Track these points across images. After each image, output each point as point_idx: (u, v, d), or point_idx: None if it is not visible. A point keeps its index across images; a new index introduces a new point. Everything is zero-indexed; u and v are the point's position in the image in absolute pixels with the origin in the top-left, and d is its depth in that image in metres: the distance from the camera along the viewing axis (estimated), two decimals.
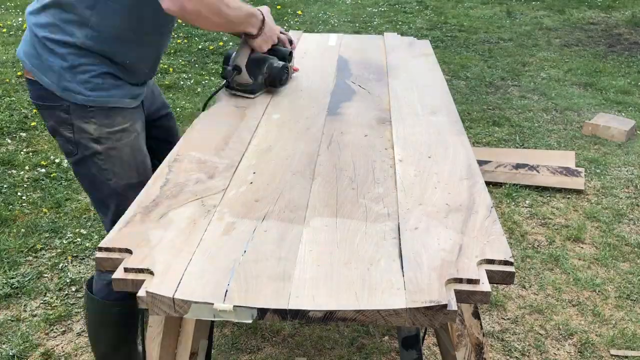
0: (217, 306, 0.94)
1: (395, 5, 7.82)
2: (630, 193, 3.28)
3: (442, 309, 0.93)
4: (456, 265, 1.03)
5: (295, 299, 0.95)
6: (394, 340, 2.24)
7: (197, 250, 1.09)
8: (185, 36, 6.19)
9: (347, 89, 1.94)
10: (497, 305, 2.43)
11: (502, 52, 5.80)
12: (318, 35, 2.61)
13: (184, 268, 1.03)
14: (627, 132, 3.87)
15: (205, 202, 1.25)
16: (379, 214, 1.21)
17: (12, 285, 2.49)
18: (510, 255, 1.05)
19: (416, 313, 0.94)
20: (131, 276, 1.03)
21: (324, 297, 0.96)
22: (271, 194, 1.29)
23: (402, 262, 1.04)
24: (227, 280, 1.00)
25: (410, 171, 1.38)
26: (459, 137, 1.57)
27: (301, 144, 1.54)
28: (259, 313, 0.94)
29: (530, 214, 3.07)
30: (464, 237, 1.12)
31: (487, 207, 1.21)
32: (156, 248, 1.09)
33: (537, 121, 4.21)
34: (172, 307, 0.97)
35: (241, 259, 1.06)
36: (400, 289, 0.97)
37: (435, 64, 2.20)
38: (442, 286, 0.97)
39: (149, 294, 0.97)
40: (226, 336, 2.26)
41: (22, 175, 3.39)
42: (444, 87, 1.96)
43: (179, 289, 0.98)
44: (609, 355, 2.19)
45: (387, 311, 0.94)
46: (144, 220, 1.18)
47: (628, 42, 6.20)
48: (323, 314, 0.93)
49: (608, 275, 2.61)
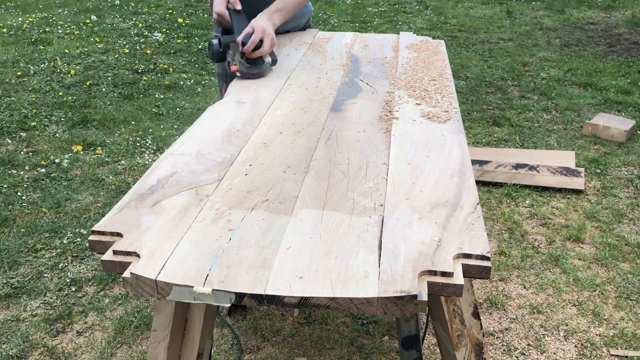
0: (196, 289, 0.97)
1: (395, 5, 7.82)
2: (630, 193, 3.28)
3: (412, 299, 0.95)
4: (432, 258, 1.05)
5: (272, 285, 0.99)
6: (394, 340, 2.24)
7: (184, 236, 1.12)
8: (185, 36, 6.19)
9: (354, 86, 1.95)
10: (497, 305, 2.43)
11: (502, 52, 5.80)
12: (334, 34, 2.62)
13: (170, 253, 1.07)
14: (627, 132, 3.87)
15: (199, 192, 1.28)
16: (365, 207, 1.23)
17: (12, 285, 2.50)
18: (488, 251, 1.07)
19: (387, 302, 0.96)
20: (119, 258, 1.07)
21: (300, 284, 0.99)
22: (264, 186, 1.31)
23: (380, 253, 1.07)
24: (209, 265, 1.03)
25: (403, 167, 1.39)
26: (456, 136, 1.57)
27: (300, 139, 1.56)
28: (237, 297, 0.97)
29: (530, 214, 3.07)
30: (445, 231, 1.13)
31: (473, 204, 1.22)
32: (146, 233, 1.12)
33: (537, 121, 4.21)
34: (155, 289, 1.00)
35: (226, 246, 1.09)
36: (375, 279, 1.00)
37: (446, 63, 2.20)
38: (415, 277, 1.00)
39: (133, 275, 1.01)
40: (226, 336, 2.26)
41: (22, 175, 3.39)
42: (451, 86, 1.96)
43: (162, 271, 1.01)
44: (609, 355, 2.19)
45: (359, 299, 0.96)
46: (137, 207, 1.22)
47: (628, 42, 6.20)
48: (297, 301, 0.97)
49: (608, 275, 2.61)
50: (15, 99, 4.46)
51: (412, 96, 1.86)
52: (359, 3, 7.96)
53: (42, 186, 3.27)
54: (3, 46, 5.72)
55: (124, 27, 6.50)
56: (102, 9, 7.48)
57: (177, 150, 1.48)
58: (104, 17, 7.02)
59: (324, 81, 2.00)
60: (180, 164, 1.41)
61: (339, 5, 7.81)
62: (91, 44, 5.89)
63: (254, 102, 1.80)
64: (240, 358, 2.15)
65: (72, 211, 3.04)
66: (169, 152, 1.47)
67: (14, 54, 5.48)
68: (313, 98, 1.85)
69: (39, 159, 3.56)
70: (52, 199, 3.13)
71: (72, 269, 2.61)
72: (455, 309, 1.53)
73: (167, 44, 5.93)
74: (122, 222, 1.16)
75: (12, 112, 4.22)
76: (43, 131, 3.98)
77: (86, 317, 2.34)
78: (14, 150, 3.69)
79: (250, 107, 1.77)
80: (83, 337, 2.24)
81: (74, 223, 2.94)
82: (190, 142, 1.53)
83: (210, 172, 1.37)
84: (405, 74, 2.07)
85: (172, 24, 6.63)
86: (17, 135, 3.90)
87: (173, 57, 5.55)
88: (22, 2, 7.86)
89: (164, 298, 1.01)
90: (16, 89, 4.67)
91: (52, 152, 3.68)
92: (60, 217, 2.99)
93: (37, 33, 6.22)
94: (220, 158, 1.45)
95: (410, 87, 1.93)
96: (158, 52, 5.70)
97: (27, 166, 3.48)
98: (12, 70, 5.06)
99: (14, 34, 6.17)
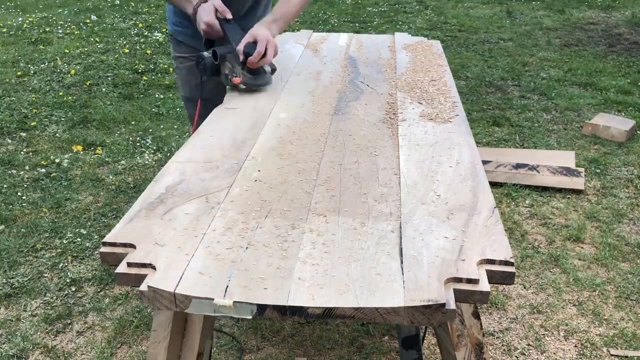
0: (217, 301, 0.95)
1: (395, 5, 7.82)
2: (630, 193, 3.28)
3: (440, 307, 0.93)
4: (456, 264, 1.03)
5: (294, 295, 0.96)
6: (394, 340, 2.24)
7: (199, 246, 1.09)
8: None
9: (355, 88, 1.95)
10: (497, 305, 2.43)
11: (502, 52, 5.80)
12: (328, 35, 2.62)
13: (186, 264, 1.04)
14: (627, 132, 3.86)
15: (210, 200, 1.26)
16: (381, 212, 1.21)
17: (12, 285, 2.49)
18: (511, 256, 1.05)
19: (414, 312, 0.94)
20: (134, 271, 1.04)
21: (323, 294, 0.96)
22: (275, 192, 1.29)
23: (402, 261, 1.04)
24: (228, 276, 1.00)
25: (414, 171, 1.38)
26: (464, 137, 1.56)
27: (307, 143, 1.55)
28: (259, 309, 0.95)
29: (530, 214, 3.07)
30: (465, 237, 1.11)
31: (490, 208, 1.21)
32: (159, 244, 1.10)
33: (537, 121, 4.21)
34: (173, 302, 0.97)
35: (242, 255, 1.06)
36: (400, 287, 0.97)
37: (445, 64, 2.20)
38: (441, 285, 0.97)
39: (150, 289, 0.98)
40: (226, 336, 2.26)
41: (22, 175, 3.39)
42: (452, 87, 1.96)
43: (180, 284, 0.98)
44: (609, 355, 2.19)
45: (385, 309, 0.93)
46: (148, 216, 1.19)
47: (628, 42, 6.20)
48: (322, 311, 0.94)
49: (608, 275, 2.61)
50: (15, 99, 4.46)
51: (414, 97, 1.86)
52: (359, 3, 7.95)
53: (42, 186, 3.27)
54: (3, 46, 5.72)
55: (124, 27, 6.50)
56: (102, 9, 7.48)
57: (182, 157, 1.46)
58: (104, 17, 7.02)
59: (324, 84, 2.00)
60: (188, 171, 1.39)
61: (339, 5, 7.80)
62: (91, 44, 5.89)
63: (254, 107, 1.80)
64: (240, 358, 2.15)
65: (72, 211, 3.04)
66: (175, 159, 1.45)
67: (14, 54, 5.48)
68: (315, 101, 1.84)
69: (39, 159, 3.56)
70: (52, 199, 3.13)
71: (72, 269, 2.61)
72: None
73: (167, 44, 5.93)
74: (133, 232, 1.13)
75: (12, 112, 4.22)
76: (43, 131, 3.98)
77: (86, 317, 2.34)
78: (14, 150, 3.69)
79: (251, 112, 1.76)
80: (83, 337, 2.24)
81: (74, 223, 2.93)
82: (196, 148, 1.51)
83: (219, 178, 1.35)
84: (405, 75, 2.07)
85: None
86: (17, 135, 3.90)
87: None
88: (22, 2, 7.86)
89: (183, 311, 0.98)
90: (16, 89, 4.67)
91: (52, 152, 3.68)
92: (60, 217, 2.99)
93: (37, 33, 6.22)
94: (228, 164, 1.43)
95: (412, 89, 1.93)
96: (158, 52, 5.70)
97: (27, 166, 3.48)
98: (12, 70, 5.06)
99: (14, 34, 6.17)
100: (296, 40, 2.49)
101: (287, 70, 2.13)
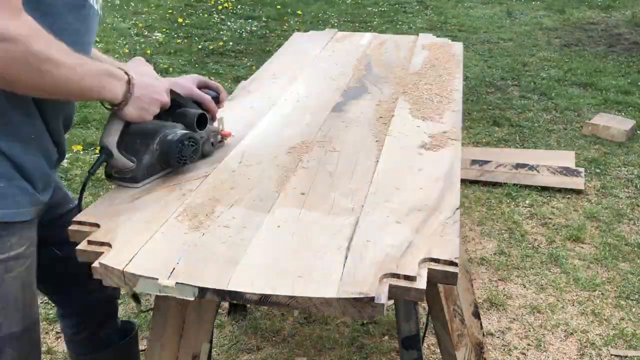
0: (161, 282, 1.00)
1: (395, 5, 7.82)
2: (630, 193, 3.28)
3: (370, 301, 0.96)
4: (398, 261, 1.04)
5: (235, 281, 1.00)
6: (394, 340, 2.24)
7: (160, 229, 1.14)
8: (185, 36, 6.20)
9: (361, 87, 1.95)
10: (497, 305, 2.43)
11: (502, 52, 5.80)
12: (352, 34, 2.61)
13: (142, 245, 1.09)
14: (627, 132, 3.87)
15: (183, 187, 1.30)
16: (343, 208, 1.23)
17: None
18: (457, 257, 1.06)
19: (346, 304, 0.96)
20: (92, 248, 1.09)
21: (262, 281, 1.00)
22: (248, 183, 1.32)
23: (347, 254, 1.07)
24: (177, 259, 1.05)
25: (390, 170, 1.39)
26: (451, 140, 1.56)
27: (296, 138, 1.56)
28: (200, 292, 0.99)
29: (530, 214, 3.07)
30: (417, 235, 1.13)
31: (452, 209, 1.21)
32: (122, 225, 1.15)
33: (537, 121, 4.21)
34: (122, 279, 1.03)
35: (197, 240, 1.11)
36: (337, 279, 1.00)
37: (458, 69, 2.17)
38: (376, 280, 0.99)
39: (101, 265, 1.03)
40: (226, 336, 2.26)
41: None
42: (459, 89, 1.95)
43: (131, 263, 1.04)
44: (609, 355, 2.19)
45: (319, 299, 0.97)
46: (120, 200, 1.24)
47: (628, 42, 6.20)
48: (258, 298, 0.98)
49: (608, 275, 2.61)
50: None
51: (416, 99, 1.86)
52: (359, 3, 7.96)
53: None
54: None
55: (124, 27, 6.51)
56: (102, 9, 7.48)
57: None
58: (104, 17, 7.02)
59: (332, 81, 2.00)
60: None
61: (339, 5, 7.80)
62: None
63: (256, 103, 1.81)
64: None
65: None
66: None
67: None
68: (317, 99, 1.85)
69: None
70: None
71: None
72: (456, 309, 1.53)
73: (167, 44, 5.93)
74: (102, 213, 1.19)
75: None
76: None
77: None
78: None
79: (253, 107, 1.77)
80: None
81: None
82: None
83: (200, 168, 1.38)
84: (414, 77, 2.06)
85: (172, 24, 6.63)
86: None
87: (173, 57, 5.56)
88: None
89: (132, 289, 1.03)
90: None
91: None
92: None
93: None
94: (214, 154, 1.46)
95: (415, 91, 1.92)
96: (158, 52, 5.70)
97: None
98: None
99: None
100: (317, 39, 2.50)
101: (301, 66, 2.15)
